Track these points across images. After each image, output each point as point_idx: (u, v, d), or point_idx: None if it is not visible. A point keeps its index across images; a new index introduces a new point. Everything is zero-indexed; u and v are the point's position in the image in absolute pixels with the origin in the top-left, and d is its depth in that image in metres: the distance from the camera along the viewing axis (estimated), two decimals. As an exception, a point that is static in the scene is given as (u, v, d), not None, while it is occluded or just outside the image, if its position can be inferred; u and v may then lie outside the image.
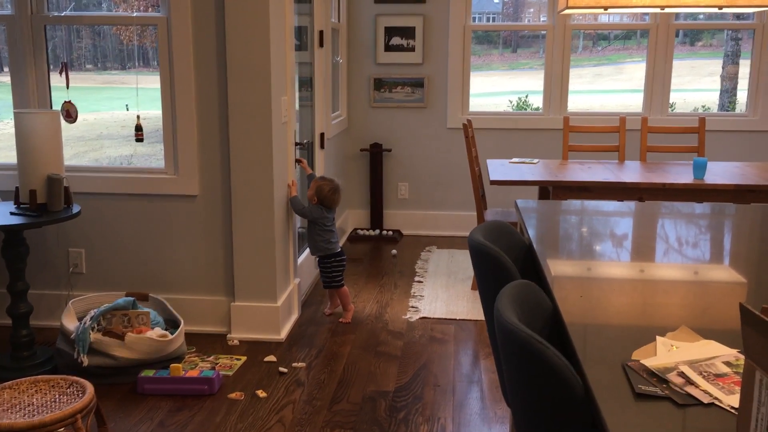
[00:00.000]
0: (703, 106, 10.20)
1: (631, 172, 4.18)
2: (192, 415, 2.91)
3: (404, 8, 5.68)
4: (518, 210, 2.68)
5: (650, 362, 1.32)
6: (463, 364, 3.44)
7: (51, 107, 3.77)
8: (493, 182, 4.01)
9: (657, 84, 5.65)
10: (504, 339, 1.38)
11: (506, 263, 1.85)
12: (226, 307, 3.72)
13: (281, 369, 3.33)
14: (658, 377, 1.26)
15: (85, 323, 3.15)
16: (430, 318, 4.03)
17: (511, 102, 10.81)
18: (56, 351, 3.30)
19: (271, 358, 3.45)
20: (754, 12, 5.48)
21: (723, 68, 8.77)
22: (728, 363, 1.31)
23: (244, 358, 3.44)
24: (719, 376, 1.26)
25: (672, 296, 1.80)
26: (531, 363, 1.30)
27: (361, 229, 5.88)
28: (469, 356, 3.55)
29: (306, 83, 4.61)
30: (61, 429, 2.28)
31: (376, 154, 5.83)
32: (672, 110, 5.99)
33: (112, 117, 9.54)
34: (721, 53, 9.08)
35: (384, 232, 5.79)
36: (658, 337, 1.43)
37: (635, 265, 2.10)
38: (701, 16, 6.22)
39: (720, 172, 4.14)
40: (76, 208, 3.30)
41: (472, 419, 2.93)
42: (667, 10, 3.89)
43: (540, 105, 5.88)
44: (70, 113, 3.57)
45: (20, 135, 3.21)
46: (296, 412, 2.96)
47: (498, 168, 4.35)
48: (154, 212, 3.71)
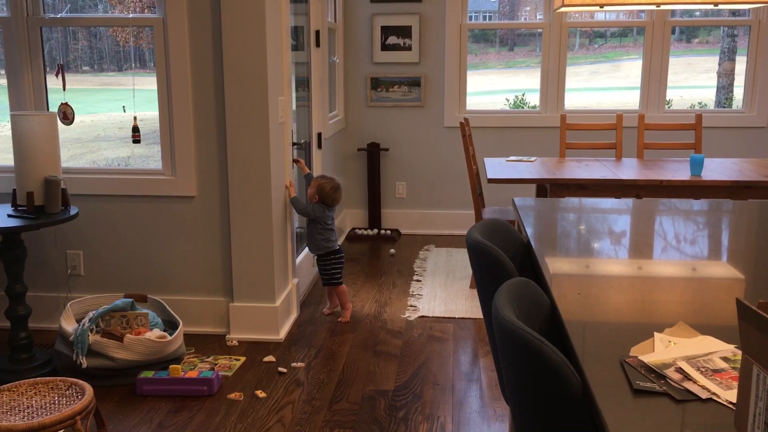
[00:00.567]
0: (700, 103, 10.21)
1: (629, 170, 4.19)
2: (191, 416, 2.92)
3: (400, 7, 5.68)
4: (516, 208, 2.68)
5: (648, 358, 1.32)
6: (462, 363, 3.44)
7: (48, 109, 3.77)
8: (491, 180, 4.02)
9: (653, 81, 5.66)
10: (502, 336, 1.38)
11: (504, 261, 1.85)
12: (225, 308, 3.72)
13: (280, 369, 3.34)
14: (656, 373, 1.27)
15: (84, 325, 3.15)
16: (429, 317, 4.04)
17: (508, 100, 10.81)
18: (55, 353, 3.29)
19: (270, 359, 3.45)
20: (750, 8, 5.49)
21: (719, 65, 8.77)
22: (726, 358, 1.32)
23: (243, 359, 3.44)
24: (717, 372, 1.26)
25: (670, 293, 1.80)
26: (529, 360, 1.30)
27: (359, 229, 5.88)
28: (468, 355, 3.55)
29: (303, 83, 4.61)
30: (61, 431, 2.28)
31: (374, 154, 5.83)
32: (669, 107, 6.00)
33: (109, 118, 9.54)
34: (718, 50, 9.10)
35: (382, 232, 5.79)
36: (656, 333, 1.44)
37: (633, 262, 2.10)
38: (697, 13, 6.23)
39: (717, 169, 4.14)
40: (74, 210, 3.30)
41: (472, 417, 2.93)
42: (663, 7, 3.90)
43: (537, 103, 5.89)
44: (67, 115, 3.57)
45: (17, 137, 3.21)
46: (296, 412, 2.96)
47: (495, 166, 4.35)
48: (152, 213, 3.71)
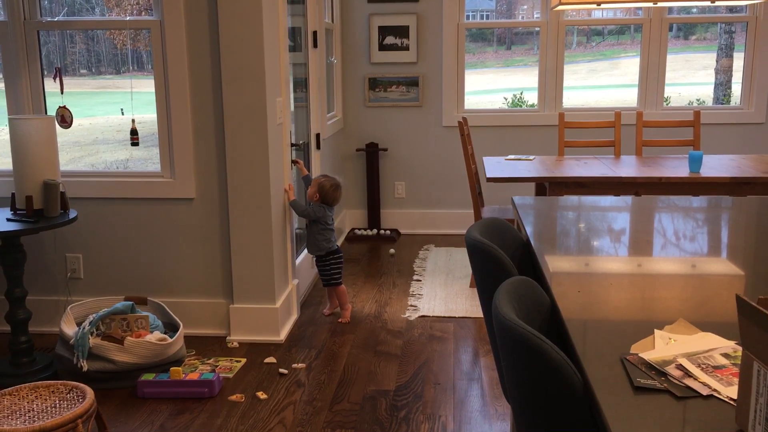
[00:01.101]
0: (698, 100, 10.21)
1: (627, 167, 4.19)
2: (192, 418, 2.91)
3: (398, 7, 5.68)
4: (515, 207, 2.68)
5: (649, 355, 1.32)
6: (463, 362, 3.44)
7: (46, 113, 3.77)
8: (490, 179, 4.02)
9: (651, 78, 5.66)
10: (502, 335, 1.38)
11: (504, 260, 1.85)
12: (225, 310, 3.72)
13: (281, 370, 3.34)
14: (657, 370, 1.27)
15: (84, 328, 3.15)
16: (429, 316, 4.04)
17: (506, 99, 10.81)
18: (56, 356, 3.29)
19: (271, 360, 3.45)
20: (747, 5, 5.49)
21: (717, 61, 8.78)
22: (726, 355, 1.32)
23: (244, 360, 3.44)
24: (717, 368, 1.26)
25: (669, 290, 1.80)
26: (530, 359, 1.30)
27: (359, 229, 5.88)
28: (469, 354, 3.55)
29: (301, 84, 4.61)
30: (62, 434, 2.27)
31: (372, 154, 5.83)
32: (667, 104, 6.00)
33: (107, 121, 9.53)
34: (715, 46, 9.10)
35: (381, 232, 5.79)
36: (657, 331, 1.44)
37: (633, 260, 2.10)
38: (694, 10, 6.24)
39: (715, 165, 4.15)
40: (73, 214, 3.30)
41: (473, 416, 2.93)
42: (660, 5, 3.90)
43: (535, 102, 5.89)
44: (65, 118, 3.57)
45: (15, 141, 3.20)
46: (297, 413, 2.96)
47: (494, 165, 4.35)
48: (152, 216, 3.70)
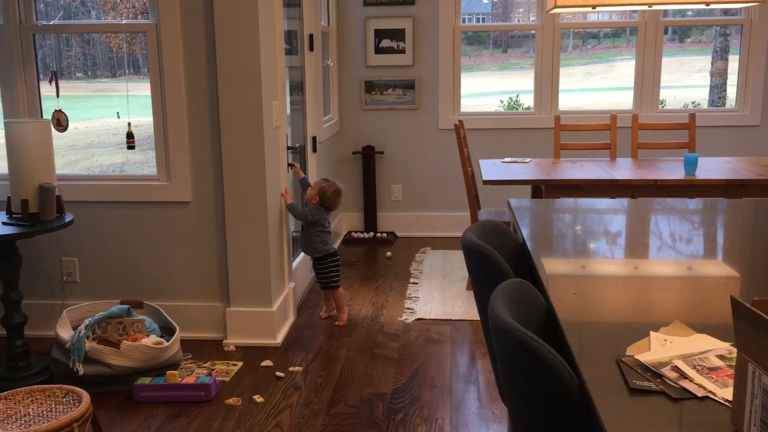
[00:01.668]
0: (693, 102, 10.24)
1: (623, 169, 4.20)
2: (189, 422, 2.91)
3: (393, 10, 5.69)
4: (511, 209, 2.69)
5: (644, 357, 1.32)
6: (460, 365, 3.45)
7: (41, 116, 3.76)
8: (486, 182, 4.02)
9: (647, 81, 5.67)
10: (498, 337, 1.38)
11: (500, 262, 1.85)
12: (222, 313, 3.72)
13: (278, 373, 3.33)
14: (653, 372, 1.27)
15: (80, 332, 3.14)
16: (426, 319, 4.04)
17: (502, 102, 10.82)
18: (51, 360, 3.29)
19: (268, 363, 3.44)
20: (742, 8, 5.51)
21: (712, 64, 8.80)
22: (721, 356, 1.32)
23: (241, 364, 3.44)
24: (713, 370, 1.27)
25: (665, 292, 1.81)
26: (526, 361, 1.30)
27: (356, 232, 5.88)
28: (466, 356, 3.55)
29: (297, 87, 4.61)
30: (58, 438, 2.27)
31: (369, 157, 5.83)
32: (662, 107, 6.02)
33: (103, 125, 9.52)
34: (710, 49, 9.12)
35: (378, 235, 5.80)
36: (652, 332, 1.44)
37: (628, 262, 2.10)
38: (689, 13, 6.25)
39: (711, 168, 4.16)
40: (69, 217, 3.29)
41: (470, 419, 2.93)
42: (655, 7, 3.91)
43: (531, 104, 5.90)
44: (61, 122, 3.56)
45: (11, 144, 3.20)
46: (294, 417, 2.95)
47: (490, 168, 4.36)
48: (148, 219, 3.70)
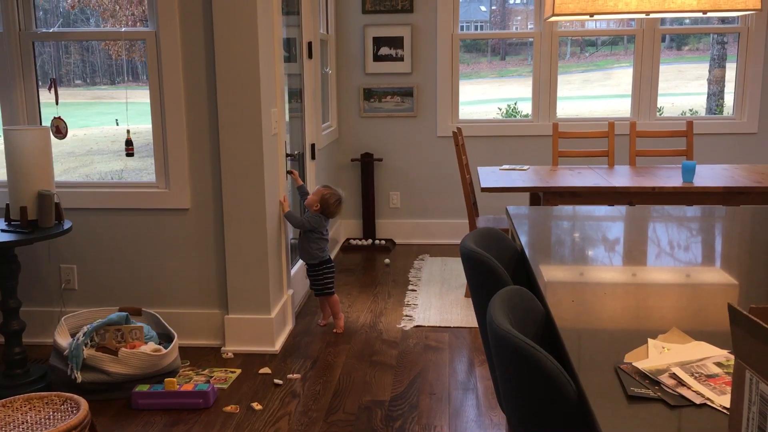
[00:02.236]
0: (691, 110, 10.26)
1: (621, 177, 4.21)
2: (187, 429, 2.90)
3: (392, 18, 5.71)
4: (509, 216, 2.69)
5: (642, 364, 1.33)
6: (458, 372, 3.44)
7: (40, 123, 3.77)
8: (484, 189, 4.03)
9: (645, 89, 5.69)
10: (497, 344, 1.38)
11: (498, 270, 1.85)
12: (220, 320, 3.71)
13: (276, 381, 3.33)
14: (650, 379, 1.27)
15: (78, 339, 3.14)
16: (425, 326, 4.04)
17: (501, 109, 10.84)
18: (50, 368, 3.28)
19: (266, 370, 3.44)
20: (739, 16, 5.53)
21: (710, 72, 8.83)
22: (719, 363, 1.32)
23: (239, 371, 3.43)
24: (711, 377, 1.27)
25: (663, 299, 1.81)
26: (524, 368, 1.31)
27: (354, 239, 5.89)
28: (464, 364, 3.55)
29: (296, 95, 4.62)
30: (56, 446, 2.27)
31: (367, 164, 5.84)
32: (660, 114, 6.04)
33: (102, 132, 9.52)
34: (708, 57, 9.15)
35: (377, 242, 5.80)
36: (650, 340, 1.44)
37: (627, 269, 2.11)
38: (687, 21, 6.28)
39: (709, 175, 4.17)
40: (68, 224, 3.29)
41: (469, 426, 2.93)
42: (653, 16, 3.93)
43: (529, 112, 5.91)
44: (60, 129, 3.57)
45: (10, 152, 3.20)
46: (292, 424, 2.95)
47: (489, 175, 4.37)
48: (146, 226, 3.70)
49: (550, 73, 5.71)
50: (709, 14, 3.85)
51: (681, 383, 1.25)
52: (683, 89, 11.77)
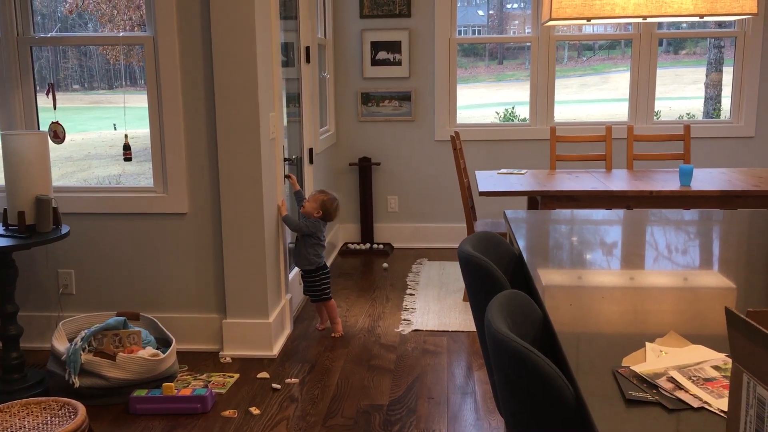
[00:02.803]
0: (688, 114, 10.28)
1: (619, 181, 4.21)
2: (185, 434, 2.90)
3: (390, 23, 5.72)
4: (507, 220, 2.70)
5: (640, 368, 1.33)
6: (457, 376, 3.44)
7: (38, 128, 3.77)
8: (482, 193, 4.03)
9: (642, 92, 5.70)
10: (495, 348, 1.38)
11: (496, 274, 1.86)
12: (218, 325, 3.71)
13: (274, 385, 3.32)
14: (648, 383, 1.27)
15: (76, 344, 3.14)
16: (423, 330, 4.03)
17: (498, 113, 10.86)
18: (47, 373, 3.28)
19: (264, 375, 3.44)
20: (736, 20, 5.55)
21: (707, 76, 8.85)
22: (717, 367, 1.32)
23: (237, 376, 3.43)
24: (708, 381, 1.27)
25: (661, 303, 1.81)
26: (522, 372, 1.31)
27: (352, 243, 5.89)
28: (463, 368, 3.55)
29: (293, 99, 4.62)
30: (54, 451, 2.26)
31: (365, 168, 5.85)
32: (657, 118, 6.05)
33: (100, 137, 9.52)
34: (705, 61, 9.17)
35: (375, 246, 5.80)
36: (648, 343, 1.45)
37: (624, 273, 2.11)
38: (684, 25, 6.29)
39: (706, 179, 4.17)
40: (65, 229, 3.29)
41: (467, 431, 2.92)
42: (650, 20, 3.94)
43: (527, 116, 5.92)
44: (58, 134, 3.57)
45: (8, 156, 3.20)
46: (290, 429, 2.94)
47: (486, 179, 4.37)
48: (144, 231, 3.70)
49: (548, 77, 5.72)
50: (706, 18, 3.85)
51: (679, 387, 1.25)
52: (680, 93, 11.80)
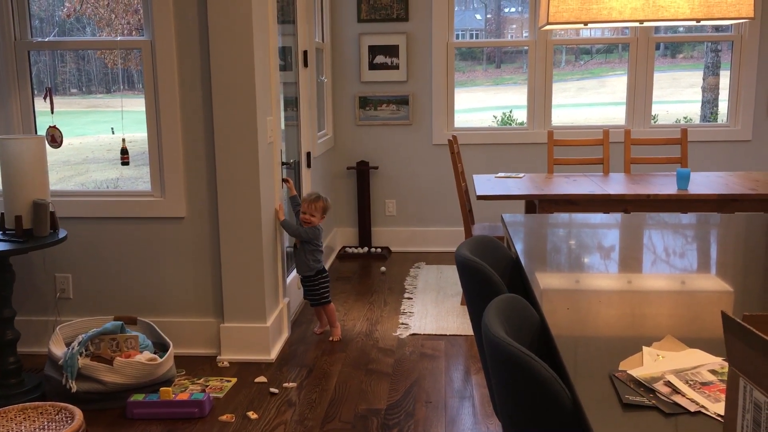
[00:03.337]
0: (685, 118, 10.30)
1: (616, 184, 4.22)
2: (183, 439, 2.89)
3: (387, 27, 5.72)
4: (505, 224, 2.70)
5: (637, 372, 1.33)
6: (455, 380, 3.44)
7: (36, 132, 3.77)
8: (480, 197, 4.03)
9: (639, 96, 5.71)
10: (492, 353, 1.38)
11: (493, 278, 1.86)
12: (216, 329, 3.71)
13: (272, 389, 3.32)
14: (645, 387, 1.27)
15: (73, 349, 3.13)
16: (420, 334, 4.03)
17: (496, 117, 10.87)
18: (44, 377, 3.27)
19: (262, 379, 3.43)
20: (732, 24, 5.56)
21: (704, 80, 8.86)
22: (714, 371, 1.33)
23: (235, 380, 3.42)
24: (705, 385, 1.27)
25: (658, 306, 1.82)
26: (519, 376, 1.31)
27: (350, 247, 5.88)
28: (460, 372, 3.55)
29: (291, 103, 4.63)
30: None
31: (363, 172, 5.85)
32: (654, 122, 6.06)
33: (98, 141, 9.52)
34: (702, 65, 9.18)
35: (372, 250, 5.80)
36: (645, 347, 1.45)
37: (621, 277, 2.11)
38: (681, 29, 6.31)
39: (703, 182, 4.18)
40: (63, 233, 3.29)
41: (465, 435, 2.92)
42: (647, 24, 3.94)
43: (524, 120, 5.93)
44: (55, 138, 3.57)
45: (5, 161, 3.20)
46: (288, 433, 2.94)
47: (484, 183, 4.37)
48: (142, 235, 3.70)
49: (545, 81, 5.73)
50: (703, 22, 3.86)
51: (675, 391, 1.25)
52: (677, 97, 11.82)
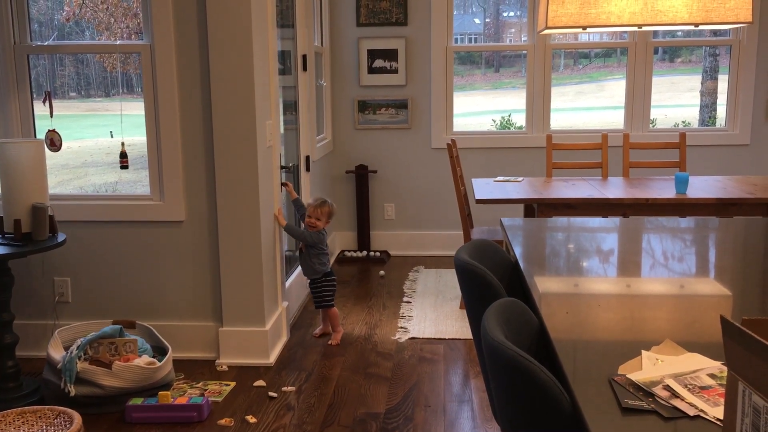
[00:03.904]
0: (684, 122, 10.31)
1: (615, 188, 4.22)
2: (181, 443, 2.89)
3: (386, 31, 5.73)
4: (504, 228, 2.70)
5: (636, 376, 1.33)
6: (454, 384, 3.44)
7: (35, 136, 3.77)
8: (479, 201, 4.04)
9: (637, 100, 5.72)
10: (491, 357, 1.38)
11: (492, 281, 1.86)
12: (214, 333, 3.70)
13: (271, 393, 3.32)
14: (644, 391, 1.27)
15: (72, 352, 3.13)
16: (419, 338, 4.03)
17: (495, 121, 10.87)
18: (43, 381, 3.26)
19: (261, 383, 3.43)
20: (731, 28, 5.57)
21: (702, 84, 8.87)
22: (713, 375, 1.33)
23: (233, 384, 3.42)
24: (704, 389, 1.27)
25: (657, 310, 1.82)
26: (518, 380, 1.31)
27: (349, 251, 5.88)
28: (459, 376, 3.54)
29: (290, 107, 4.63)
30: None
31: (362, 176, 5.85)
32: (653, 126, 6.07)
33: (97, 144, 9.51)
34: (700, 69, 9.20)
35: (371, 254, 5.80)
36: (644, 351, 1.45)
37: (620, 281, 2.11)
38: (679, 33, 6.32)
39: (702, 186, 4.18)
40: (61, 237, 3.29)
41: (464, 439, 2.92)
42: (645, 29, 3.95)
43: (523, 123, 5.93)
44: (54, 142, 3.57)
45: (4, 164, 3.20)
46: (287, 437, 2.94)
47: (483, 187, 4.38)
48: (140, 239, 3.70)
49: (544, 85, 5.73)
50: (701, 27, 3.87)
51: (675, 395, 1.26)
52: (676, 101, 11.83)
